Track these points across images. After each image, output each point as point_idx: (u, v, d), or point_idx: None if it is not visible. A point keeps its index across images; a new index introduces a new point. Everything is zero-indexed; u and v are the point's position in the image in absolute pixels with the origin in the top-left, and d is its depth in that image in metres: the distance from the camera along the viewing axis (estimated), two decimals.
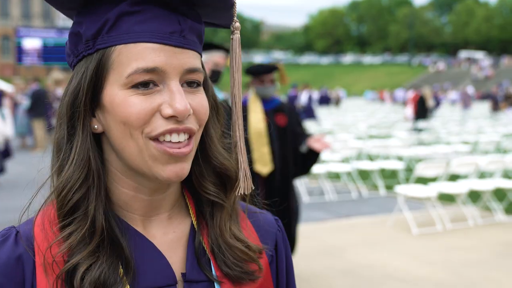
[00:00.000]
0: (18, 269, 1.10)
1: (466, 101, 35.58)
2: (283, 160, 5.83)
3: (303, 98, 31.51)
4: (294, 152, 5.90)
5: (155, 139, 1.09)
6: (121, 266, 1.10)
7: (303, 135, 5.92)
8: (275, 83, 5.92)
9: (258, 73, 5.82)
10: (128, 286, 1.10)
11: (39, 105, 18.01)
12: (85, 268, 1.07)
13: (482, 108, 44.42)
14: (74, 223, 1.11)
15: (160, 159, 1.09)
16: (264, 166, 5.73)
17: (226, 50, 5.31)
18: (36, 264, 1.10)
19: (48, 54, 56.21)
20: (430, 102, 27.32)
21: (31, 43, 56.64)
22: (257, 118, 5.78)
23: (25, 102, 19.47)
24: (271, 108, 5.90)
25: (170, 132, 1.08)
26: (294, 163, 5.91)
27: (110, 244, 1.11)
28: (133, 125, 1.07)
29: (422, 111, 24.75)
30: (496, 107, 34.81)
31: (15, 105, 20.53)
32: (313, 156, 5.88)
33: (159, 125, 1.08)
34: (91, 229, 1.10)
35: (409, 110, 26.30)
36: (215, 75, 5.21)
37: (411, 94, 32.67)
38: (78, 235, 1.09)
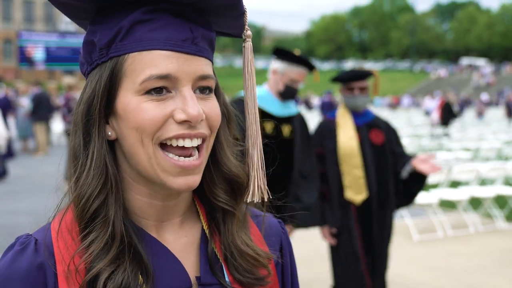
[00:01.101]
0: (40, 277, 1.11)
1: (481, 110, 35.23)
2: (381, 186, 4.96)
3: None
4: (395, 177, 5.02)
5: (164, 146, 1.10)
6: (140, 272, 1.12)
7: (404, 156, 5.04)
8: (367, 93, 5.08)
9: (346, 79, 5.03)
10: None
11: (41, 108, 18.03)
12: (107, 276, 1.08)
13: (494, 114, 44.15)
14: (95, 230, 1.11)
15: (170, 171, 1.11)
16: (357, 193, 4.90)
17: (309, 67, 4.71)
18: (58, 272, 1.10)
19: (50, 57, 56.29)
20: (455, 108, 27.53)
21: (33, 47, 56.68)
22: (348, 135, 4.97)
23: (25, 105, 19.48)
24: (365, 123, 5.08)
25: (182, 137, 1.10)
26: (395, 190, 5.05)
27: (129, 251, 1.12)
28: (146, 130, 1.09)
29: (448, 116, 24.89)
30: (510, 114, 34.62)
31: (15, 109, 20.54)
32: (418, 181, 4.95)
33: (172, 129, 1.09)
34: (112, 236, 1.11)
35: (435, 116, 26.46)
36: (289, 92, 4.65)
37: (428, 101, 32.74)
38: (100, 243, 1.10)
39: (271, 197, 1.25)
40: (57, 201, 1.21)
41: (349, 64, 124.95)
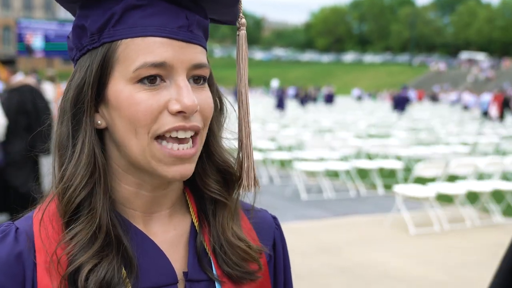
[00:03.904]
0: (18, 267, 1.08)
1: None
2: None
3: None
4: None
5: (159, 138, 1.07)
6: (124, 266, 1.09)
7: None
8: None
9: None
10: (131, 286, 1.09)
11: None
12: (89, 269, 1.05)
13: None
14: (79, 222, 1.08)
15: (165, 160, 1.08)
16: None
17: None
18: (37, 262, 1.08)
19: (49, 45, 56.12)
20: None
21: (32, 35, 56.50)
22: None
23: None
24: None
25: (176, 129, 1.07)
26: None
27: (114, 243, 1.09)
28: (140, 122, 1.06)
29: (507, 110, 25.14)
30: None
31: None
32: None
33: (167, 122, 1.06)
34: (98, 228, 1.08)
35: (494, 110, 26.68)
36: None
37: (467, 96, 32.93)
38: (85, 235, 1.07)
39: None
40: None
41: (348, 57, 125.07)
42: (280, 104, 32.66)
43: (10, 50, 76.68)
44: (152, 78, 1.06)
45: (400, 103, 32.83)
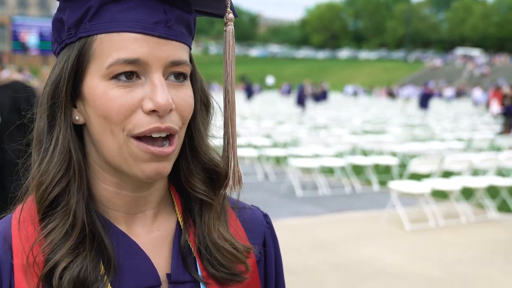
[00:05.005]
0: None
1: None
2: None
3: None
4: None
5: (135, 138, 1.04)
6: (102, 264, 1.06)
7: None
8: None
9: None
10: (110, 286, 1.06)
11: None
12: (64, 266, 1.02)
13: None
14: (55, 218, 1.06)
15: (142, 157, 1.04)
16: None
17: None
18: (14, 265, 1.05)
19: (44, 43, 56.01)
20: None
21: (27, 32, 56.39)
22: None
23: None
24: None
25: (151, 131, 1.03)
26: None
27: (91, 240, 1.06)
28: (113, 120, 1.03)
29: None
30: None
31: None
32: None
33: (142, 123, 1.03)
34: (72, 225, 1.05)
35: (495, 106, 26.76)
36: None
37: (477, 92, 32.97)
38: (59, 232, 1.04)
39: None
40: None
41: (344, 53, 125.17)
42: (301, 101, 32.56)
43: (5, 47, 76.49)
44: (128, 74, 1.03)
45: (424, 100, 32.66)
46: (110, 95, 1.03)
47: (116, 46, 1.03)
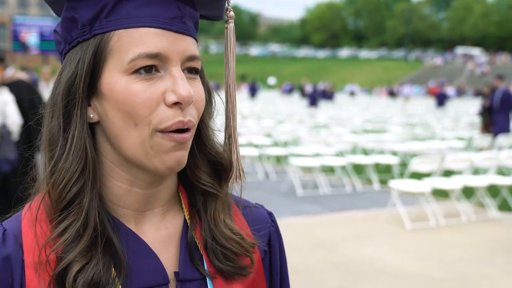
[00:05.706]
0: (6, 270, 1.05)
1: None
2: None
3: None
4: None
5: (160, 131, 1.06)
6: (113, 266, 1.07)
7: None
8: None
9: None
10: (120, 287, 1.07)
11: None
12: (78, 269, 1.03)
13: None
14: (67, 217, 1.06)
15: (165, 147, 1.06)
16: None
17: None
18: (25, 264, 1.05)
19: (44, 42, 56.04)
20: None
21: (27, 31, 56.39)
22: None
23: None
24: None
25: (176, 127, 1.05)
26: None
27: (103, 242, 1.06)
28: (139, 114, 1.04)
29: None
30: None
31: None
32: None
33: (167, 117, 1.04)
34: (84, 224, 1.05)
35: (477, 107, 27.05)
36: None
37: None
38: (72, 230, 1.05)
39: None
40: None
41: (344, 52, 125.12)
42: (313, 102, 32.60)
43: (6, 47, 76.48)
44: (148, 68, 1.04)
45: (441, 100, 33.05)
46: (133, 90, 1.04)
47: (135, 41, 1.04)
